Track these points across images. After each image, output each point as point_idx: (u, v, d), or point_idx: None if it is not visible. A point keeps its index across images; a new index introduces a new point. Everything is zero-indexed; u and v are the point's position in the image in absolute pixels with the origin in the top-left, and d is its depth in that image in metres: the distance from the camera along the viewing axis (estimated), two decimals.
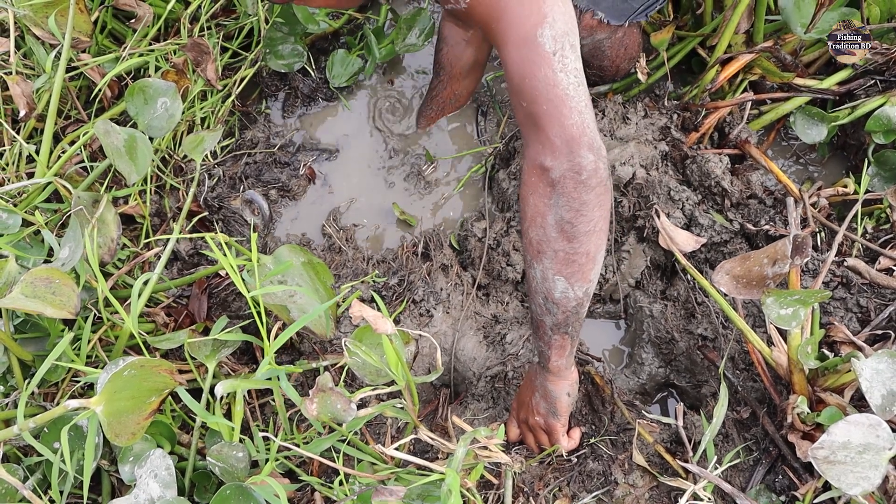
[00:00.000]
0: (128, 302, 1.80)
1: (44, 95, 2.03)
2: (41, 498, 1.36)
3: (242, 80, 2.38)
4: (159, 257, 1.96)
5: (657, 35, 2.26)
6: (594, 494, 1.70)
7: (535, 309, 1.56)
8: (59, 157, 1.95)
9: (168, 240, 1.89)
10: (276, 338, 1.48)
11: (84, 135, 2.00)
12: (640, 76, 2.22)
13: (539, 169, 1.43)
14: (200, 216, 2.16)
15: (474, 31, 2.18)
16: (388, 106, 2.50)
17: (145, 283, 1.65)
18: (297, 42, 2.39)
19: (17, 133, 2.01)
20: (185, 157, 2.22)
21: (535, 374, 1.70)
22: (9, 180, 1.93)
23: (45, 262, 1.73)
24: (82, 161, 2.03)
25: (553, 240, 1.45)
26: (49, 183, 1.87)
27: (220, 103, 2.33)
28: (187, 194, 2.15)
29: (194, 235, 1.81)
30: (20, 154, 1.98)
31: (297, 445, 1.52)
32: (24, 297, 1.48)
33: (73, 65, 2.10)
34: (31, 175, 1.97)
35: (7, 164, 1.96)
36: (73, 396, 1.67)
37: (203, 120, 2.29)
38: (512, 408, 1.81)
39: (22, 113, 1.95)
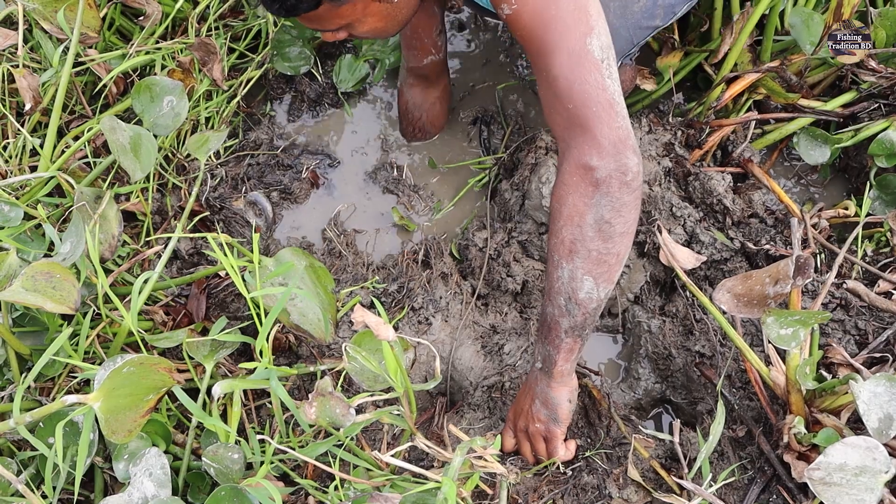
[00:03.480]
0: (127, 299, 1.80)
1: (50, 89, 2.03)
2: (34, 492, 1.35)
3: (248, 81, 2.38)
4: (160, 256, 1.95)
5: (663, 59, 2.27)
6: None
7: (553, 311, 1.57)
8: (63, 151, 1.95)
9: (169, 238, 1.89)
10: (265, 334, 1.48)
11: (88, 130, 2.00)
12: (646, 86, 2.24)
13: (583, 169, 1.45)
14: (202, 216, 2.16)
15: (441, 90, 2.32)
16: (393, 112, 2.50)
17: (145, 281, 1.65)
18: (305, 45, 2.39)
19: (22, 126, 2.01)
20: (188, 155, 2.22)
21: (536, 381, 1.69)
22: (12, 173, 1.93)
23: (46, 256, 1.73)
24: (86, 157, 2.03)
25: (589, 239, 1.47)
26: (52, 177, 1.87)
27: (224, 104, 2.33)
28: (189, 193, 2.15)
29: (196, 235, 1.80)
30: (24, 147, 1.98)
31: (293, 449, 1.51)
32: (24, 290, 1.48)
33: (79, 60, 2.10)
34: (34, 168, 1.97)
35: (10, 157, 1.96)
36: (69, 392, 1.66)
37: (208, 120, 2.29)
38: (508, 417, 1.80)
39: (28, 106, 1.95)
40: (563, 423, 1.70)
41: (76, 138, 2.04)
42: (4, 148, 1.98)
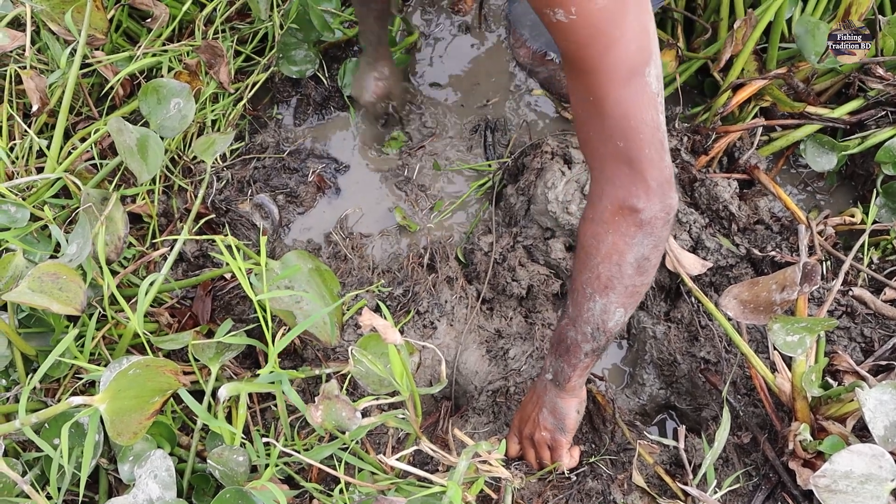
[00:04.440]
0: (133, 300, 1.80)
1: (57, 91, 2.03)
2: (39, 493, 1.35)
3: (255, 84, 2.38)
4: (165, 258, 1.95)
5: None
6: None
7: (576, 336, 1.54)
8: (70, 153, 1.95)
9: (175, 241, 1.89)
10: (275, 340, 1.48)
11: (95, 132, 2.00)
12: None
13: (628, 210, 1.38)
14: (207, 218, 2.16)
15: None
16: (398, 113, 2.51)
17: (151, 283, 1.65)
18: (311, 49, 2.40)
19: (29, 127, 2.01)
20: (194, 158, 2.22)
21: (545, 391, 1.68)
22: (18, 174, 1.93)
23: (52, 257, 1.73)
24: (92, 158, 2.03)
25: (628, 276, 1.43)
26: (58, 178, 1.87)
27: (231, 106, 2.34)
28: (195, 195, 2.15)
29: (203, 237, 1.80)
30: (31, 148, 1.98)
31: (298, 452, 1.51)
32: (30, 291, 1.48)
33: (86, 61, 2.10)
34: (40, 170, 1.97)
35: (17, 158, 1.96)
36: (74, 393, 1.66)
37: (214, 122, 2.29)
38: (513, 423, 1.80)
39: (35, 107, 1.96)
40: (570, 432, 1.70)
41: (83, 140, 2.04)
42: (11, 149, 1.98)
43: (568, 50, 1.33)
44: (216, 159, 2.28)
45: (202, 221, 2.13)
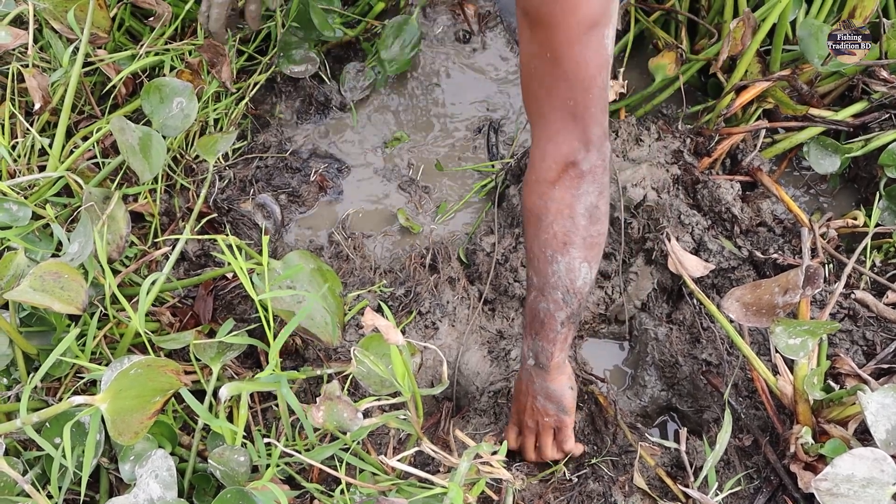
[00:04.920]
0: (134, 300, 1.80)
1: (59, 89, 2.03)
2: (40, 492, 1.35)
3: (256, 83, 2.38)
4: (167, 257, 1.95)
5: (655, 60, 2.27)
6: None
7: (548, 306, 1.54)
8: (73, 151, 1.95)
9: (177, 240, 1.89)
10: (276, 338, 1.48)
11: (97, 131, 2.00)
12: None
13: (571, 164, 1.44)
14: (209, 217, 2.16)
15: None
16: (401, 116, 2.50)
17: (153, 282, 1.65)
18: (311, 48, 2.39)
19: (31, 125, 2.01)
20: (196, 157, 2.22)
21: (532, 379, 1.67)
22: (20, 172, 1.93)
23: (54, 256, 1.73)
24: (95, 157, 2.03)
25: (582, 227, 1.47)
26: (60, 177, 1.87)
27: (233, 105, 2.33)
28: (198, 194, 2.14)
29: (205, 237, 1.80)
30: (33, 147, 1.98)
31: (299, 452, 1.51)
32: (32, 290, 1.48)
33: (89, 60, 2.10)
34: (42, 168, 1.97)
35: (19, 157, 1.96)
36: (76, 392, 1.66)
37: (216, 121, 2.29)
38: (512, 416, 1.79)
39: (37, 106, 1.95)
40: (571, 411, 1.70)
41: (85, 138, 2.03)
42: (13, 147, 1.98)
43: (531, 4, 1.35)
44: (218, 158, 2.28)
45: (204, 220, 2.13)
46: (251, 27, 2.24)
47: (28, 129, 1.97)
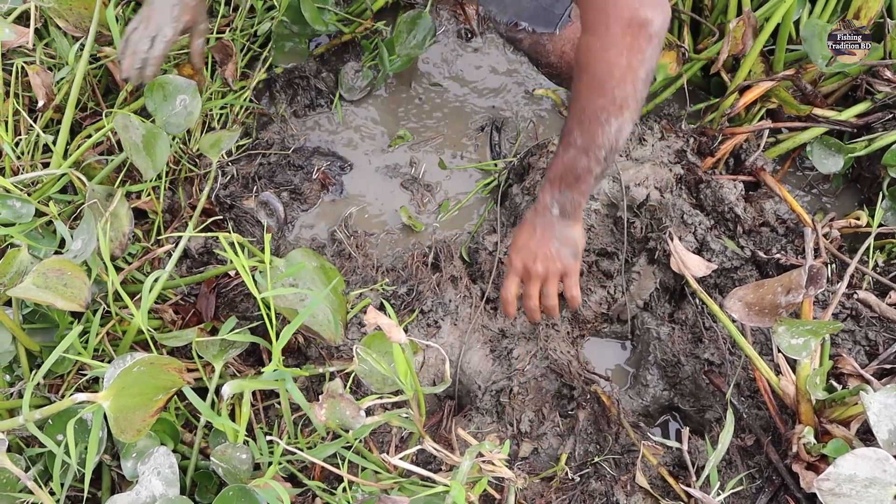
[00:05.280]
0: (137, 297, 1.80)
1: (64, 86, 2.03)
2: (42, 489, 1.35)
3: (259, 81, 2.39)
4: (170, 254, 1.95)
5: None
6: None
7: (589, 164, 1.57)
8: (79, 147, 1.95)
9: (180, 237, 1.89)
10: (279, 337, 1.48)
11: (101, 128, 2.00)
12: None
13: (638, 25, 1.41)
14: (214, 219, 2.16)
15: None
16: (402, 114, 2.50)
17: (156, 279, 1.65)
18: (301, 42, 2.41)
19: (35, 122, 2.01)
20: (198, 152, 2.22)
21: (553, 226, 1.70)
22: (24, 169, 1.93)
23: (57, 253, 1.73)
24: (103, 154, 2.03)
25: (640, 91, 1.48)
26: (64, 174, 1.87)
27: (237, 102, 2.34)
28: (200, 190, 2.15)
29: (207, 234, 1.80)
30: (37, 144, 1.98)
31: (301, 450, 1.51)
32: (35, 287, 1.48)
33: (94, 55, 2.10)
34: (46, 165, 1.97)
35: (23, 153, 1.96)
36: (78, 389, 1.67)
37: (220, 118, 2.30)
38: (513, 266, 1.79)
39: (41, 103, 1.96)
40: (580, 256, 1.77)
41: (90, 136, 2.04)
42: (17, 144, 1.98)
43: None
44: (222, 155, 2.28)
45: (209, 221, 2.13)
46: (195, 65, 2.09)
47: (31, 126, 1.97)
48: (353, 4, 2.53)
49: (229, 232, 2.11)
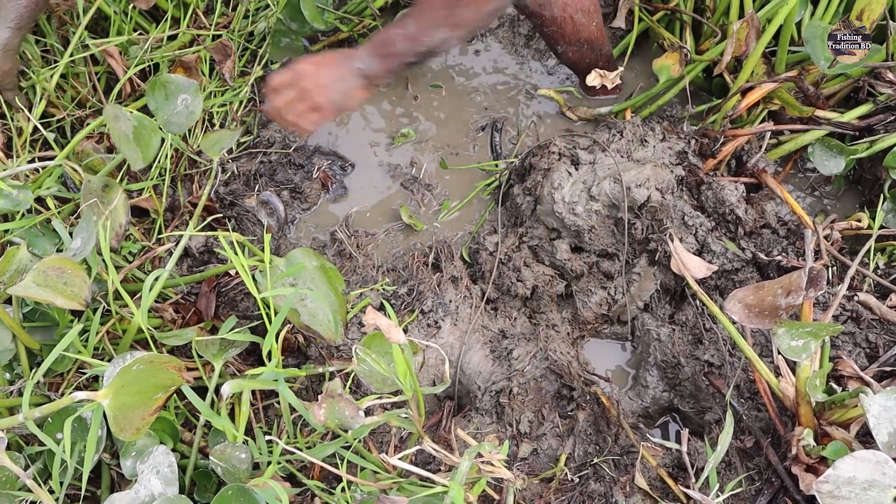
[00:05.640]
0: (137, 296, 1.80)
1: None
2: (41, 487, 1.35)
3: (256, 78, 2.39)
4: (171, 253, 1.96)
5: (659, 60, 2.27)
6: None
7: (406, 51, 1.79)
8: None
9: (180, 236, 1.89)
10: (270, 332, 1.48)
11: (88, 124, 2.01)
12: (601, 81, 2.26)
13: None
14: (214, 216, 2.16)
15: None
16: (402, 114, 2.50)
17: (156, 278, 1.65)
18: (296, 39, 2.44)
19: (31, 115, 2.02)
20: (198, 148, 2.22)
21: (349, 74, 1.85)
22: (19, 162, 1.94)
23: (58, 251, 1.73)
24: (108, 150, 2.04)
25: (478, 21, 1.77)
26: (59, 166, 1.87)
27: (235, 100, 2.34)
28: (201, 188, 2.15)
29: (208, 234, 1.80)
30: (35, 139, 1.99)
31: (301, 449, 1.51)
32: (35, 285, 1.48)
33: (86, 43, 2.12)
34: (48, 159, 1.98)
35: (24, 145, 1.97)
36: (77, 388, 1.67)
37: (219, 115, 2.31)
38: (296, 66, 1.88)
39: None
40: (340, 109, 1.89)
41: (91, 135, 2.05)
42: (19, 133, 1.98)
43: None
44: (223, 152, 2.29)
45: (210, 219, 2.13)
46: (5, 97, 2.05)
47: (29, 119, 1.97)
48: (350, 3, 2.53)
49: (230, 230, 2.11)
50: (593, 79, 2.34)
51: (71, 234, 1.70)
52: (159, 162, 2.13)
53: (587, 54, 2.34)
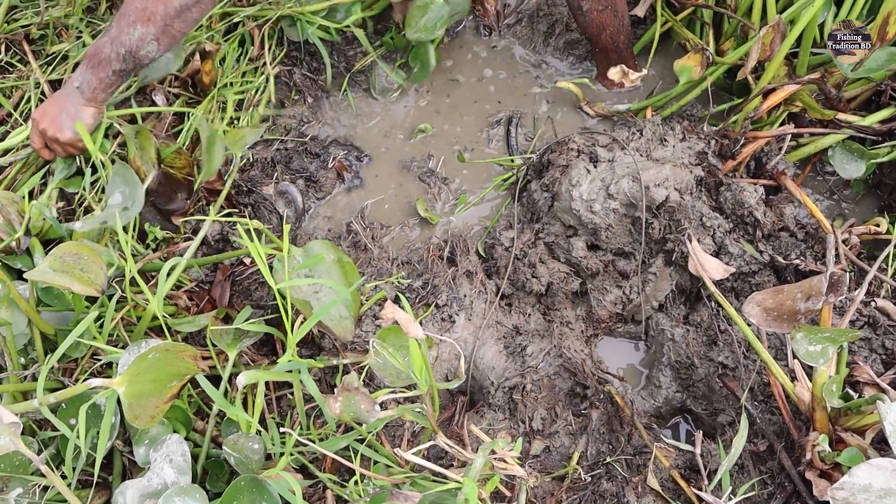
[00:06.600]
0: (152, 282, 1.80)
1: None
2: (54, 472, 1.35)
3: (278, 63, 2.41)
4: (189, 238, 1.96)
5: (680, 62, 2.25)
6: None
7: (111, 54, 1.85)
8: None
9: (199, 223, 1.90)
10: (293, 330, 1.48)
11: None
12: (622, 77, 2.25)
13: None
14: (230, 211, 2.16)
15: None
16: (419, 108, 2.50)
17: (173, 267, 1.65)
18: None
19: None
20: None
21: (69, 97, 1.94)
22: None
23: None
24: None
25: (168, 14, 1.82)
26: None
27: (261, 82, 2.36)
28: (219, 176, 2.16)
29: (228, 219, 1.80)
30: None
31: (314, 441, 1.51)
32: (52, 271, 1.48)
33: None
34: None
35: None
36: (92, 374, 1.67)
37: (241, 102, 2.32)
38: (33, 115, 1.98)
39: None
40: (72, 135, 1.94)
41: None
42: None
43: None
44: None
45: (226, 212, 2.13)
46: None
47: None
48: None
49: (246, 216, 2.11)
50: (615, 73, 2.33)
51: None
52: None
53: (610, 19, 2.35)
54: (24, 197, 1.93)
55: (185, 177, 2.02)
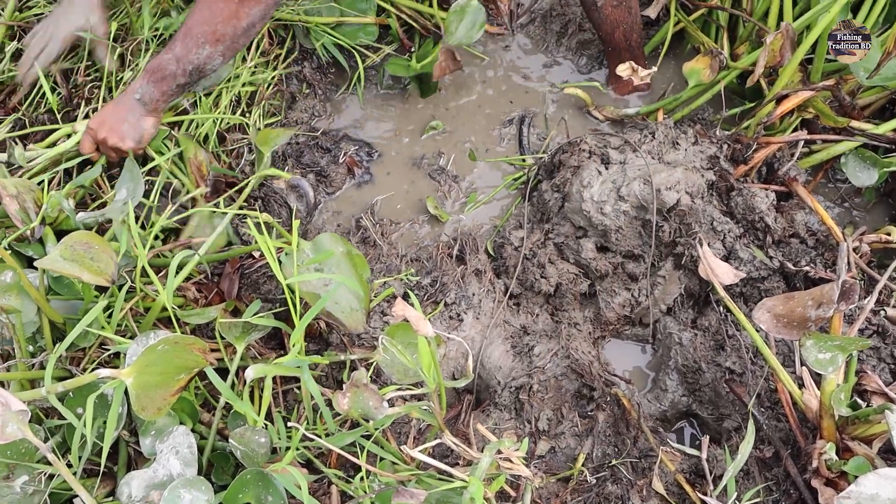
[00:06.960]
0: (162, 273, 1.80)
1: None
2: (60, 460, 1.35)
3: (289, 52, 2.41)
4: None
5: (689, 64, 2.25)
6: None
7: (177, 71, 1.91)
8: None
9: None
10: (300, 323, 1.47)
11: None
12: (631, 74, 2.25)
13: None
14: (241, 204, 2.16)
15: None
16: (430, 106, 2.50)
17: (185, 259, 1.65)
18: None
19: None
20: (228, 127, 2.24)
21: (130, 108, 1.97)
22: None
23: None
24: None
25: (237, 35, 1.88)
26: None
27: (268, 74, 2.35)
28: (233, 168, 2.17)
29: (239, 212, 1.80)
30: None
31: (320, 436, 1.51)
32: (62, 259, 1.48)
33: None
34: None
35: None
36: (99, 364, 1.67)
37: (253, 94, 2.32)
38: (90, 126, 1.99)
39: None
40: (143, 143, 2.01)
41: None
42: None
43: None
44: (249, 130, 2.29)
45: (236, 205, 2.12)
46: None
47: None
48: None
49: (256, 210, 2.11)
50: (625, 69, 2.32)
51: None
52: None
53: (623, 16, 2.34)
54: (39, 185, 1.94)
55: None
